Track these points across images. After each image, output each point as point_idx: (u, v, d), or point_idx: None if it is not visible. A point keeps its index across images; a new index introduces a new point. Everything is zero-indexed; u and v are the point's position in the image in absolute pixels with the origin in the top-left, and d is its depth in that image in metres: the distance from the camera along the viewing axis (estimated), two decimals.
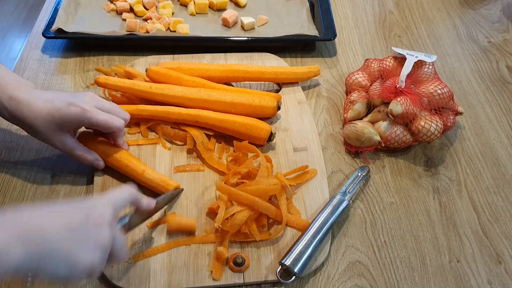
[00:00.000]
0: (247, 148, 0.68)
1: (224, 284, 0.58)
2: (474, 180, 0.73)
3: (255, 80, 0.80)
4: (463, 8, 1.06)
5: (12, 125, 0.73)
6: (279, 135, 0.74)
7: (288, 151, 0.73)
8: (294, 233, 0.63)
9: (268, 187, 0.61)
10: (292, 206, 0.65)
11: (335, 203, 0.64)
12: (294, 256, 0.58)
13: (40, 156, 0.70)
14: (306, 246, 0.59)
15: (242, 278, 0.59)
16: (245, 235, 0.61)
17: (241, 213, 0.59)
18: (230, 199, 0.62)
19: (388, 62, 0.79)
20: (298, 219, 0.64)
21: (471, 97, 0.86)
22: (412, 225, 0.67)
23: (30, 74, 0.81)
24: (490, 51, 0.96)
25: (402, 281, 0.61)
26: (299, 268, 0.57)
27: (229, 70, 0.79)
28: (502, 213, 0.69)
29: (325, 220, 0.62)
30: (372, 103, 0.78)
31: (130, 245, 0.60)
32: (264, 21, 0.93)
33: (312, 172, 0.69)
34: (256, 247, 0.61)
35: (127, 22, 0.88)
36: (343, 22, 1.00)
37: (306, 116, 0.78)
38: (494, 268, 0.63)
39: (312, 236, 0.60)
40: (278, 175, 0.64)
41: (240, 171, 0.65)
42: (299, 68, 0.82)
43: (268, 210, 0.61)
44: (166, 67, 0.78)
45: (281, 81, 0.81)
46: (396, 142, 0.72)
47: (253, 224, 0.61)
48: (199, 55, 0.86)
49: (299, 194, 0.67)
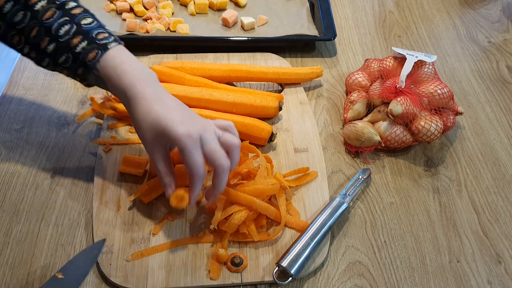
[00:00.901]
0: (247, 148, 0.68)
1: (221, 284, 0.58)
2: (474, 180, 0.73)
3: (258, 81, 0.81)
4: (463, 8, 1.06)
5: (12, 125, 0.73)
6: (280, 136, 0.74)
7: (289, 151, 0.72)
8: (293, 233, 0.63)
9: (266, 187, 0.61)
10: (291, 207, 0.65)
11: (334, 205, 0.64)
12: (291, 258, 0.58)
13: (40, 156, 0.70)
14: (304, 248, 0.59)
15: (240, 278, 0.59)
16: (244, 235, 0.61)
17: (239, 213, 0.59)
18: (229, 199, 0.61)
19: (388, 62, 0.79)
20: (298, 220, 0.64)
21: (471, 97, 0.86)
22: (412, 225, 0.67)
23: (30, 74, 0.81)
24: (490, 51, 0.96)
25: (402, 281, 0.61)
26: (296, 270, 0.57)
27: (232, 70, 0.79)
28: (502, 213, 0.69)
29: (323, 222, 0.62)
30: (372, 103, 0.78)
31: (129, 243, 0.60)
32: (264, 21, 0.93)
33: (313, 175, 0.69)
34: (254, 247, 0.61)
35: (127, 22, 0.88)
36: (343, 22, 1.00)
37: (307, 117, 0.78)
38: (494, 268, 0.63)
39: (310, 238, 0.60)
40: (277, 175, 0.63)
41: (241, 172, 0.65)
42: (301, 69, 0.82)
43: (266, 210, 0.61)
44: (169, 66, 0.78)
45: (283, 81, 0.81)
46: (396, 142, 0.72)
47: (251, 224, 0.61)
48: (202, 54, 0.86)
49: (299, 195, 0.67)
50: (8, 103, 0.77)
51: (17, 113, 0.75)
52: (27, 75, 0.82)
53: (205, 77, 0.78)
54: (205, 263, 0.59)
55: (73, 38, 0.56)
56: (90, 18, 0.58)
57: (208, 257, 0.60)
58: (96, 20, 0.59)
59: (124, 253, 0.59)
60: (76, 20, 0.57)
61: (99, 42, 0.56)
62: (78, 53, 0.56)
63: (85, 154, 0.70)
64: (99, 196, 0.64)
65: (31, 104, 0.77)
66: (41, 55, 0.58)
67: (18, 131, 0.73)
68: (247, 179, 0.65)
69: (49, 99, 0.78)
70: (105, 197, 0.65)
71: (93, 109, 0.74)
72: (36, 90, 0.79)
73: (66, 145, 0.71)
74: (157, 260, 0.59)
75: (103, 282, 0.58)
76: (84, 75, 0.58)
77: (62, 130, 0.73)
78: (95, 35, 0.57)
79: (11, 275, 0.58)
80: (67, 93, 0.79)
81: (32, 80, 0.80)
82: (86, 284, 0.58)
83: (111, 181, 0.66)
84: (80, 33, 0.56)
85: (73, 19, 0.57)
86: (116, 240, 0.61)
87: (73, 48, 0.56)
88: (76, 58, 0.56)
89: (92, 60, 0.56)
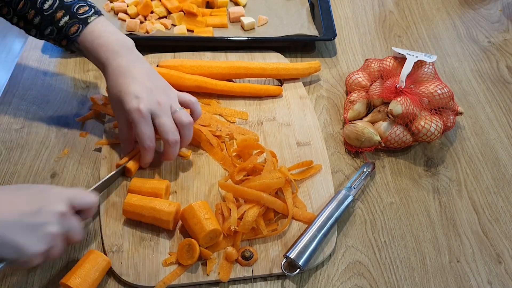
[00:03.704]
0: (251, 146, 0.69)
1: (233, 277, 0.59)
2: (474, 180, 0.73)
3: (257, 77, 0.81)
4: (463, 8, 1.06)
5: (12, 125, 0.73)
6: (282, 130, 0.75)
7: (292, 145, 0.73)
8: (301, 225, 0.64)
9: (272, 181, 0.62)
10: (297, 200, 0.66)
11: (340, 198, 0.65)
12: (299, 250, 0.59)
13: (40, 156, 0.70)
14: (311, 239, 0.60)
15: (251, 271, 0.59)
16: (254, 231, 0.61)
17: (251, 210, 0.60)
18: (236, 196, 0.62)
19: (388, 62, 0.79)
20: (305, 212, 0.65)
21: (471, 97, 0.86)
22: (412, 225, 0.67)
23: (30, 74, 0.81)
24: (490, 51, 0.96)
25: (402, 281, 0.61)
26: (304, 261, 0.58)
27: (231, 67, 0.79)
28: (502, 213, 0.69)
29: (330, 215, 0.63)
30: (372, 103, 0.78)
31: (139, 241, 0.60)
32: (264, 21, 0.93)
33: (317, 168, 0.70)
34: (263, 241, 0.62)
35: (127, 22, 0.88)
36: (343, 22, 1.00)
37: (308, 111, 0.79)
38: (494, 268, 0.63)
39: (317, 230, 0.61)
40: (282, 169, 0.64)
41: (246, 167, 0.66)
42: (300, 64, 0.83)
43: (274, 204, 0.62)
44: (168, 65, 0.78)
45: (282, 77, 0.82)
46: (396, 142, 0.72)
47: (260, 219, 0.61)
48: (200, 53, 0.86)
49: (304, 188, 0.68)
50: (8, 103, 0.77)
51: (17, 113, 0.75)
52: (27, 75, 0.82)
53: (205, 75, 0.78)
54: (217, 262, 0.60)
55: (56, 12, 0.63)
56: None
57: (220, 257, 0.60)
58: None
59: (134, 251, 0.60)
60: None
61: (80, 16, 0.63)
62: (61, 27, 0.63)
63: (85, 154, 0.70)
64: (106, 196, 0.64)
65: (31, 104, 0.77)
66: (29, 26, 0.65)
67: (18, 131, 0.73)
68: (252, 174, 0.66)
69: (49, 99, 0.78)
70: (112, 197, 0.64)
71: (94, 109, 0.74)
72: (36, 90, 0.79)
73: (66, 145, 0.71)
74: (167, 257, 0.60)
75: (114, 281, 0.58)
76: (68, 45, 0.65)
77: (62, 130, 0.73)
78: (76, 9, 0.63)
79: (11, 275, 0.58)
80: (67, 93, 0.79)
81: (32, 80, 0.80)
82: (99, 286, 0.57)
83: (117, 182, 0.66)
84: (63, 8, 0.63)
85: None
86: (125, 238, 0.60)
87: (57, 22, 0.63)
88: (60, 31, 0.63)
89: (74, 34, 0.63)
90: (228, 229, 0.59)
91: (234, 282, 0.59)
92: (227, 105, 0.78)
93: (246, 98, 0.80)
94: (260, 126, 0.76)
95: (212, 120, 0.74)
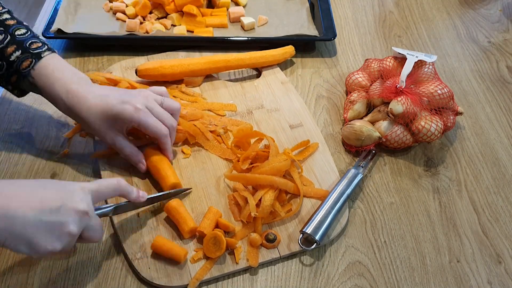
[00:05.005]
0: (251, 135, 0.70)
1: (262, 261, 0.60)
2: (474, 180, 0.73)
3: (237, 68, 0.83)
4: (463, 8, 1.06)
5: (12, 125, 0.73)
6: (273, 115, 0.77)
7: (285, 128, 0.75)
8: (313, 202, 0.66)
9: (280, 164, 0.64)
10: (304, 178, 0.69)
11: (350, 176, 0.68)
12: (315, 225, 0.61)
13: (40, 156, 0.70)
14: (325, 215, 0.62)
15: (278, 252, 0.61)
16: (272, 214, 0.63)
17: (267, 195, 0.62)
18: (247, 184, 0.64)
19: (388, 62, 0.79)
20: (314, 189, 0.67)
21: (471, 97, 0.86)
22: (412, 225, 0.67)
23: None
24: (490, 51, 0.96)
25: (402, 281, 0.61)
26: (320, 235, 0.60)
27: (211, 61, 0.80)
28: (502, 213, 0.69)
29: (341, 192, 0.65)
30: (372, 103, 0.78)
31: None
32: (264, 21, 0.93)
33: (314, 146, 0.73)
34: (281, 222, 0.64)
35: (127, 22, 0.88)
36: (343, 22, 1.00)
37: (292, 94, 0.81)
38: (494, 268, 0.63)
39: (330, 207, 0.63)
40: (286, 151, 0.66)
41: (249, 156, 0.67)
42: (275, 50, 0.85)
43: (286, 185, 0.64)
44: (148, 67, 0.77)
45: (261, 65, 0.84)
46: (396, 142, 0.72)
47: (276, 202, 0.63)
48: (174, 53, 0.86)
49: (307, 167, 0.70)
50: (8, 103, 0.77)
51: (17, 113, 0.75)
52: None
53: (186, 72, 0.79)
54: (243, 250, 0.61)
55: (7, 47, 0.60)
56: (24, 29, 0.63)
57: (245, 245, 0.61)
58: (30, 30, 0.63)
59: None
60: (10, 31, 0.61)
61: (33, 51, 0.61)
62: (12, 62, 0.60)
63: (85, 154, 0.70)
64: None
65: (31, 104, 0.77)
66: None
67: (18, 131, 0.73)
68: (255, 161, 0.68)
69: None
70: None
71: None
72: None
73: (66, 145, 0.71)
74: (193, 254, 0.60)
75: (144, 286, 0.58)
76: (18, 82, 0.62)
77: (62, 130, 0.73)
78: (29, 44, 0.61)
79: (11, 275, 0.58)
80: None
81: None
82: None
83: None
84: (14, 43, 0.61)
85: (7, 29, 0.62)
86: (147, 244, 0.60)
87: (8, 57, 0.60)
88: (10, 66, 0.61)
89: (26, 68, 0.60)
90: (249, 216, 0.61)
91: (263, 266, 0.61)
92: (212, 99, 0.79)
93: (229, 87, 0.81)
94: (251, 115, 0.77)
95: (203, 116, 0.74)
